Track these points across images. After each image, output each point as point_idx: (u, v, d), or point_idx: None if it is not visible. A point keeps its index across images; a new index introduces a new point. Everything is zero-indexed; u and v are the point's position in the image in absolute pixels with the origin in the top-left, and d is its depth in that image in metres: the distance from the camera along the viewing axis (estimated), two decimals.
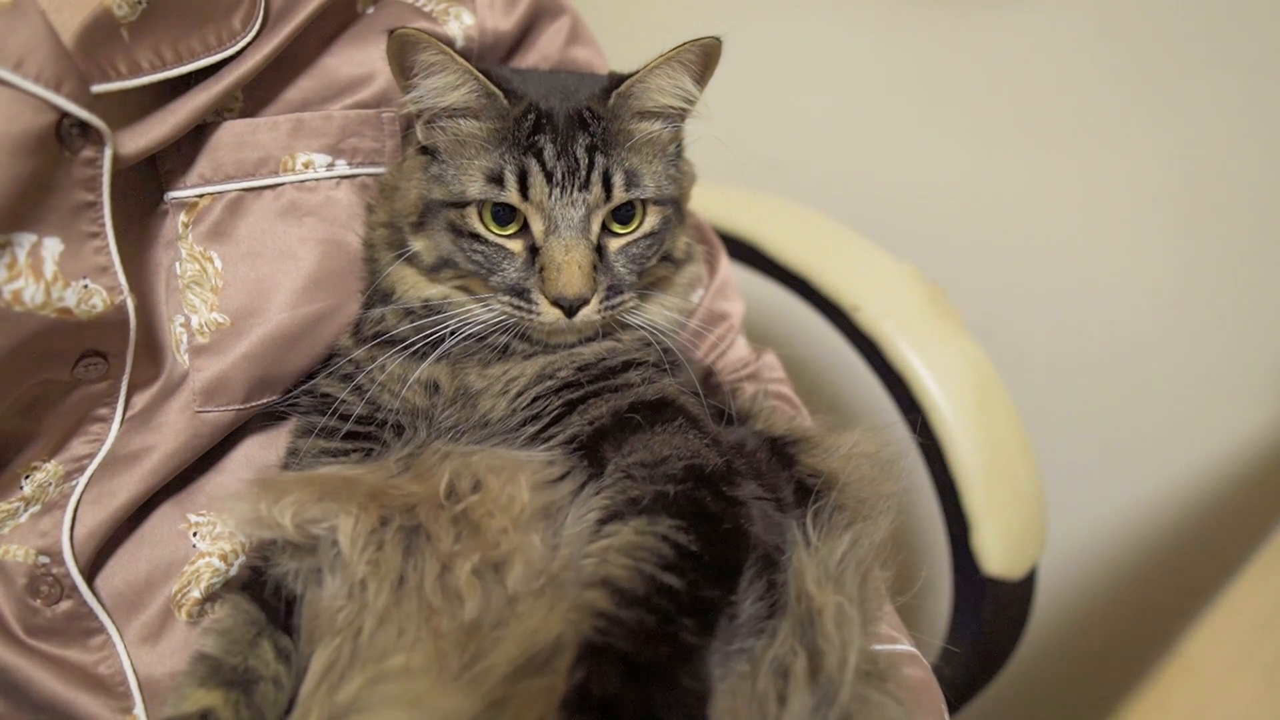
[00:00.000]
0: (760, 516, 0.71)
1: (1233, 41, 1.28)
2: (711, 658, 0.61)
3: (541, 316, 0.78)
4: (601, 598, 0.60)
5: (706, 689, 0.59)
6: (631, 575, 0.61)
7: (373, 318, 0.83)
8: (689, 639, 0.59)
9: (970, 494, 1.16)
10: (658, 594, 0.60)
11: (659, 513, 0.65)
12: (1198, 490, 1.42)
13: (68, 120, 0.64)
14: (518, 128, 0.77)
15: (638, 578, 0.61)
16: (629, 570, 0.61)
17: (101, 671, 0.75)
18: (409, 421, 0.80)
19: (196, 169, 0.79)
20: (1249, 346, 1.36)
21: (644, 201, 0.80)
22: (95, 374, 0.73)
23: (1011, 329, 1.53)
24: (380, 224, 0.85)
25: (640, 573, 0.61)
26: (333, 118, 0.84)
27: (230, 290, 0.79)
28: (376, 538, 0.68)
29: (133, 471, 0.76)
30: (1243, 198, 1.32)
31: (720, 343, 1.02)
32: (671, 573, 0.61)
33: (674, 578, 0.61)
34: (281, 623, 0.71)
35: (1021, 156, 1.49)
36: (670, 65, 0.78)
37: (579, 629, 0.59)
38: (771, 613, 0.67)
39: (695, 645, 0.59)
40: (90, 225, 0.68)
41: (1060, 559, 1.50)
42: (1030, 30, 1.43)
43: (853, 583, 0.69)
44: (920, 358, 1.20)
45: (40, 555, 0.73)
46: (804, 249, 1.35)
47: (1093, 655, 1.59)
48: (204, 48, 0.75)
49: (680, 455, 0.71)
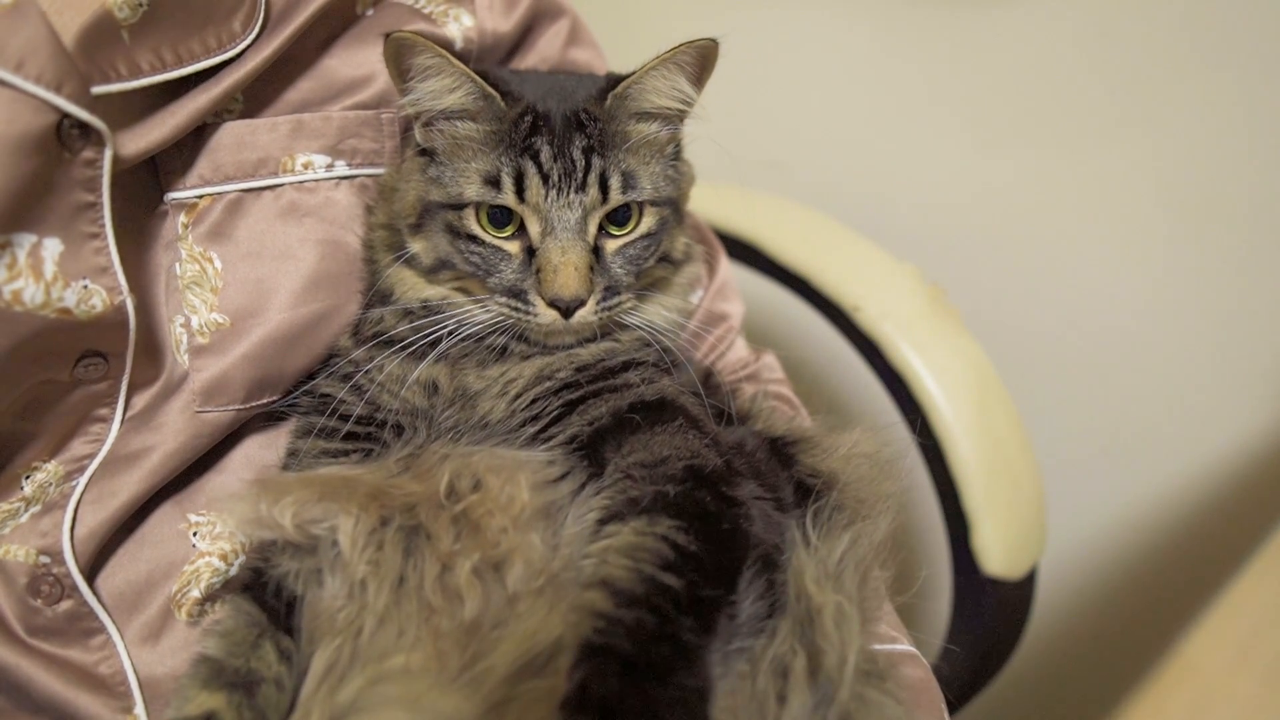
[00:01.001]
0: (760, 516, 0.71)
1: (1233, 41, 1.28)
2: (711, 657, 0.61)
3: (538, 318, 0.78)
4: (601, 598, 0.60)
5: (707, 688, 0.59)
6: (631, 576, 0.61)
7: (372, 318, 0.84)
8: (689, 638, 0.59)
9: (970, 494, 1.15)
10: (657, 594, 0.60)
11: (659, 513, 0.65)
12: (1198, 490, 1.42)
13: (68, 121, 0.65)
14: (514, 130, 0.77)
15: (637, 578, 0.61)
16: (629, 571, 0.61)
17: (102, 671, 0.75)
18: (409, 422, 0.80)
19: (196, 170, 0.79)
20: (1249, 346, 1.35)
21: (641, 203, 0.80)
22: (95, 374, 0.73)
23: (1011, 329, 1.53)
24: (379, 225, 0.85)
25: (640, 573, 0.61)
26: (332, 119, 0.84)
27: (230, 291, 0.79)
28: (377, 538, 0.68)
29: (133, 471, 0.76)
30: (1243, 198, 1.32)
31: (720, 344, 1.02)
32: (671, 573, 0.61)
33: (673, 578, 0.61)
34: (283, 623, 0.71)
35: (1022, 156, 1.49)
36: (666, 67, 0.78)
37: (579, 630, 0.59)
38: (771, 612, 0.67)
39: (695, 645, 0.59)
40: (90, 226, 0.68)
41: (1060, 559, 1.50)
42: (1030, 30, 1.43)
43: (852, 582, 0.69)
44: (920, 358, 1.20)
45: (41, 555, 0.73)
46: (804, 249, 1.35)
47: (1093, 655, 1.59)
48: (204, 50, 0.76)
49: (680, 455, 0.71)
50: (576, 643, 0.58)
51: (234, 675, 0.68)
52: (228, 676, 0.68)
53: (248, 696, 0.67)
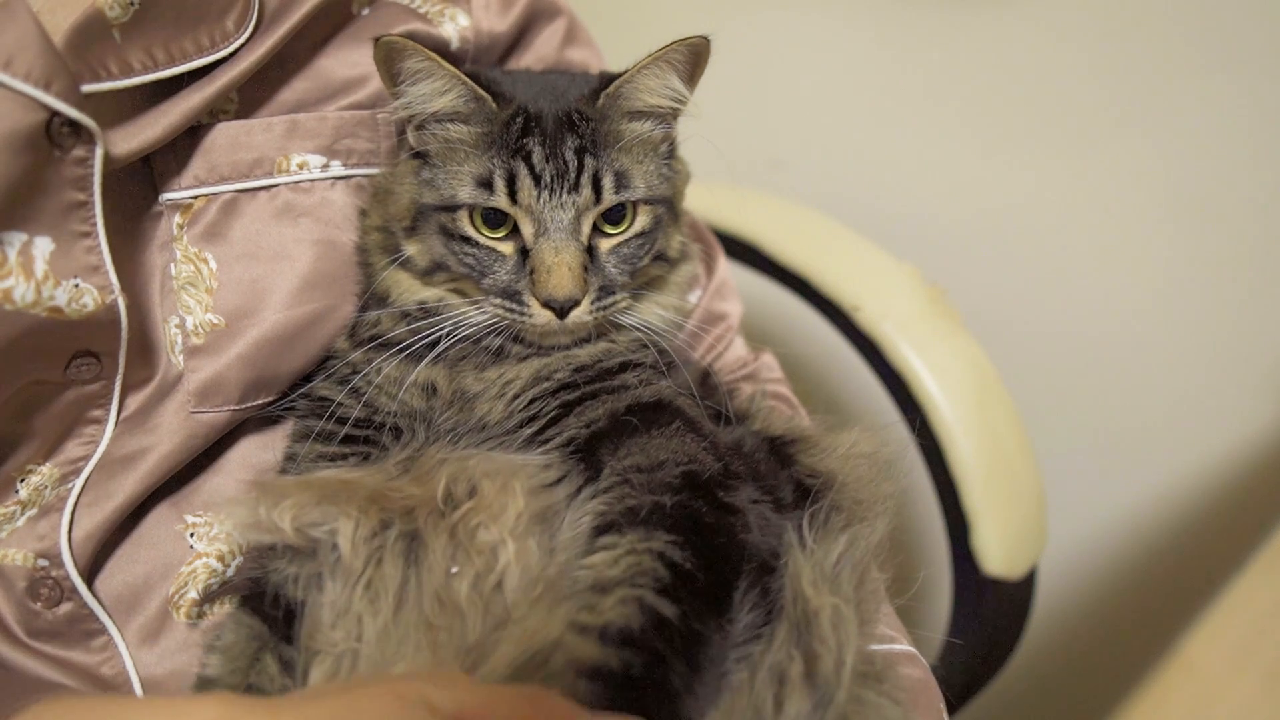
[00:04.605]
0: (757, 522, 0.71)
1: (1232, 42, 1.28)
2: (703, 691, 0.60)
3: (533, 318, 0.78)
4: (592, 645, 0.59)
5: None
6: (627, 611, 0.60)
7: (368, 320, 0.83)
8: (677, 683, 0.58)
9: (970, 494, 1.15)
10: (652, 629, 0.59)
11: (655, 526, 0.65)
12: (1198, 490, 1.42)
13: (58, 119, 0.64)
14: (506, 131, 0.77)
15: (636, 609, 0.60)
16: (623, 605, 0.60)
17: (105, 673, 0.75)
18: (407, 424, 0.80)
19: (191, 170, 0.79)
20: (1249, 347, 1.35)
21: (634, 202, 0.80)
22: (88, 374, 0.73)
23: (1011, 329, 1.52)
24: (374, 228, 0.85)
25: (640, 602, 0.60)
26: (327, 119, 0.84)
27: (225, 291, 0.79)
28: (377, 542, 0.68)
29: (129, 473, 0.76)
30: (1242, 198, 1.32)
31: (718, 343, 1.02)
32: (666, 598, 0.61)
33: (669, 605, 0.60)
34: (282, 632, 0.70)
35: (1022, 156, 1.49)
36: (658, 65, 0.77)
37: (564, 681, 0.57)
38: (768, 618, 0.67)
39: (682, 689, 0.59)
40: (82, 225, 0.68)
41: (1060, 559, 1.49)
42: (1030, 30, 1.43)
43: (849, 584, 0.69)
44: (920, 357, 1.20)
45: (39, 558, 0.73)
46: (804, 249, 1.34)
47: (1093, 655, 1.58)
48: (196, 49, 0.75)
49: (677, 460, 0.70)
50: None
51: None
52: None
53: None
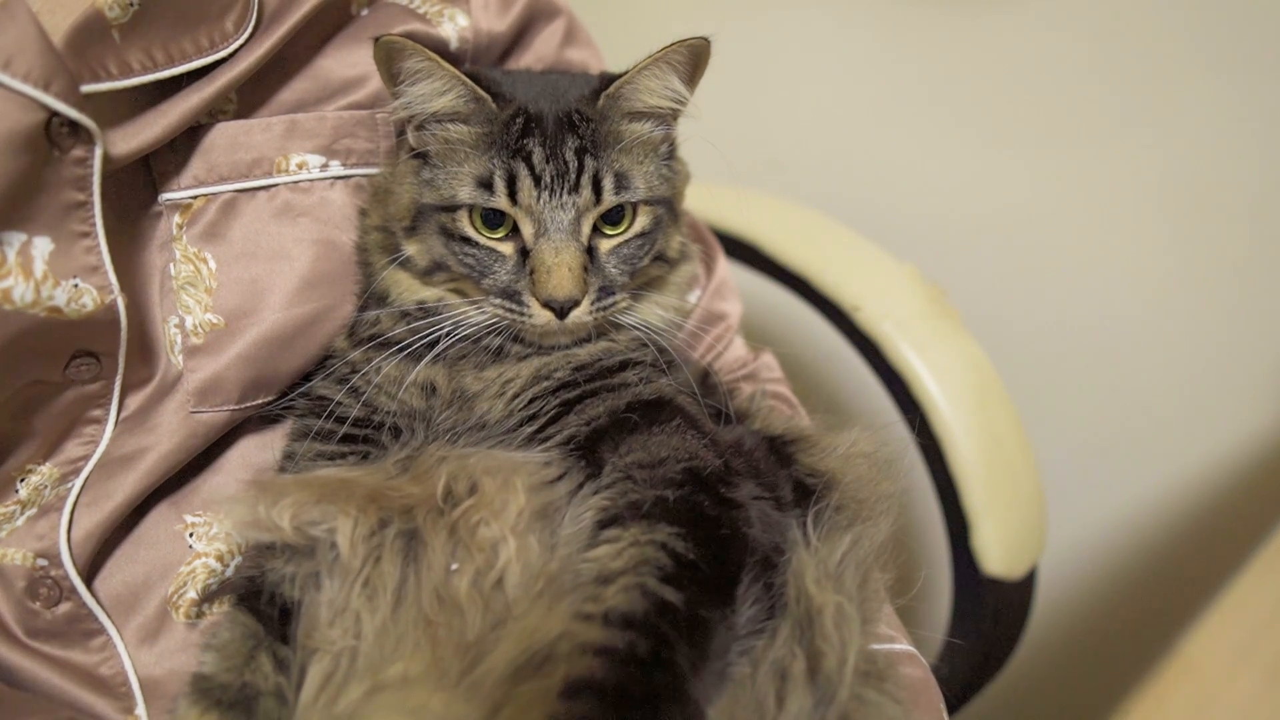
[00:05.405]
0: (759, 517, 0.71)
1: (1232, 42, 1.28)
2: (708, 679, 0.60)
3: (533, 319, 0.77)
4: (596, 628, 0.59)
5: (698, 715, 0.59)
6: (631, 597, 0.60)
7: (368, 320, 0.83)
8: (683, 665, 0.58)
9: (970, 494, 1.15)
10: (656, 613, 0.59)
11: (658, 519, 0.65)
12: (1198, 490, 1.42)
13: (57, 119, 0.64)
14: (506, 131, 0.77)
15: (639, 594, 0.60)
16: (628, 592, 0.60)
17: (103, 672, 0.75)
18: (406, 424, 0.80)
19: (190, 170, 0.79)
20: (1249, 346, 1.35)
21: (634, 203, 0.80)
22: (88, 374, 0.73)
23: (1011, 329, 1.53)
24: (373, 228, 0.84)
25: (642, 588, 0.60)
26: (326, 119, 0.84)
27: (224, 291, 0.79)
28: (375, 540, 0.68)
29: (128, 473, 0.76)
30: (1243, 198, 1.32)
31: (718, 343, 1.02)
32: (671, 586, 0.61)
33: (674, 592, 0.60)
34: (278, 631, 0.70)
35: (1022, 156, 1.49)
36: (658, 66, 0.77)
37: (570, 662, 0.57)
38: (770, 614, 0.67)
39: (688, 673, 0.58)
40: (81, 225, 0.68)
41: (1060, 559, 1.50)
42: (1030, 30, 1.43)
43: (853, 583, 0.69)
44: (920, 357, 1.20)
45: (38, 558, 0.73)
46: (804, 249, 1.34)
47: (1093, 655, 1.58)
48: (196, 50, 0.75)
49: (678, 456, 0.70)
50: (564, 677, 0.56)
51: (229, 692, 0.66)
52: (223, 694, 0.66)
53: (245, 713, 0.66)
